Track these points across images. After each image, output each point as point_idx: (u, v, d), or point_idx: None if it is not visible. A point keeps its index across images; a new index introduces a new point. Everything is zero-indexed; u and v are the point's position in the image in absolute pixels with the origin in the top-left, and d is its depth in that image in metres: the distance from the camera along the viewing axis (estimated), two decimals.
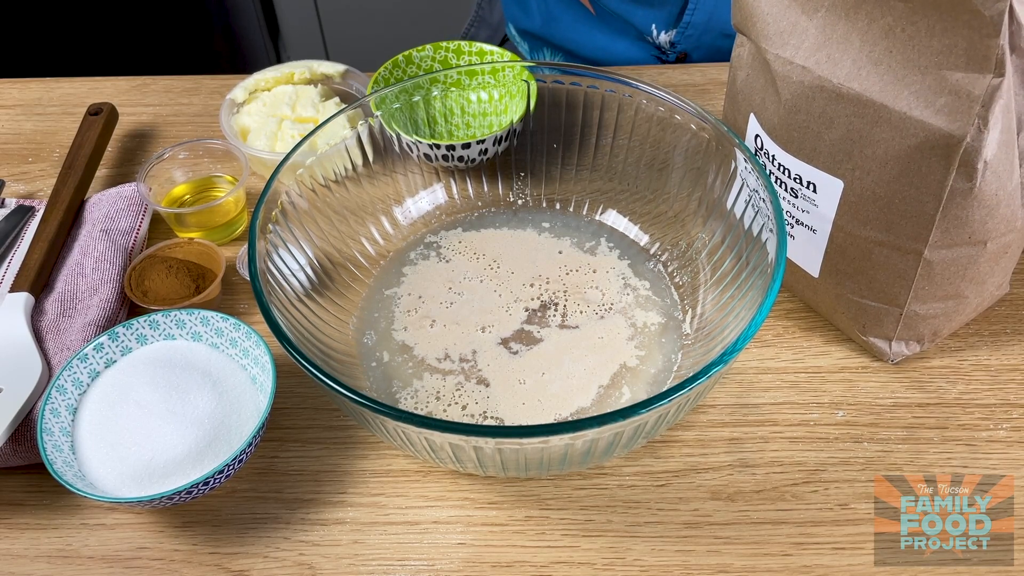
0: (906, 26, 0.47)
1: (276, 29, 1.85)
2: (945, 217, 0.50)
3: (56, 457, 0.51)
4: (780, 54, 0.53)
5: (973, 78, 0.45)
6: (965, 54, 0.45)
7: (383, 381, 0.58)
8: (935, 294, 0.55)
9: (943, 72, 0.46)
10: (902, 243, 0.53)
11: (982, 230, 0.51)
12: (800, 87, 0.52)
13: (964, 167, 0.48)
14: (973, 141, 0.47)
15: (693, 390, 0.44)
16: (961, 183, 0.49)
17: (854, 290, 0.57)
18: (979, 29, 0.44)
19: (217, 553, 0.52)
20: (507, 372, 0.57)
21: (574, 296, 0.62)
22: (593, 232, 0.67)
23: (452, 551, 0.52)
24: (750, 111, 0.58)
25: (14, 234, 0.70)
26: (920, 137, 0.48)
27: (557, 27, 0.96)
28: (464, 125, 0.75)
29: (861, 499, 0.53)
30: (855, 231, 0.54)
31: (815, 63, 0.51)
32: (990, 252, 0.53)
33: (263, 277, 0.52)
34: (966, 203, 0.50)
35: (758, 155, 0.59)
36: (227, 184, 0.74)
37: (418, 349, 0.59)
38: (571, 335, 0.60)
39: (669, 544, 0.51)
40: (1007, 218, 0.51)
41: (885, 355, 0.59)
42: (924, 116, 0.48)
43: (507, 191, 0.69)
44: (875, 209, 0.52)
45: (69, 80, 0.89)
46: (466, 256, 0.65)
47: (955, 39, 0.45)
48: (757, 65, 0.56)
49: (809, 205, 0.56)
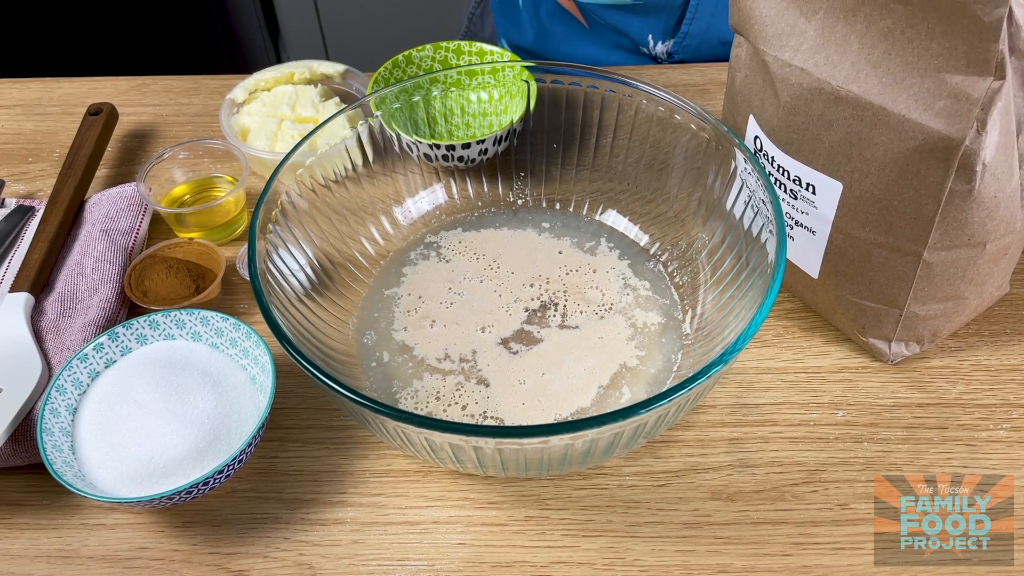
0: (905, 28, 0.47)
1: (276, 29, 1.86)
2: (944, 219, 0.50)
3: (56, 457, 0.51)
4: (779, 56, 0.53)
5: (973, 81, 0.45)
6: (965, 57, 0.45)
7: (383, 381, 0.58)
8: (935, 295, 0.55)
9: (942, 75, 0.46)
10: (901, 245, 0.53)
11: (981, 232, 0.51)
12: (799, 89, 0.52)
13: (963, 169, 0.48)
14: (972, 143, 0.47)
15: (693, 390, 0.44)
16: (960, 185, 0.49)
17: (853, 291, 0.57)
18: (979, 33, 0.44)
19: (217, 553, 0.52)
20: (507, 372, 0.58)
21: (574, 296, 0.62)
22: (593, 232, 0.67)
23: (452, 551, 0.52)
24: (749, 112, 0.58)
25: (14, 234, 0.70)
26: (919, 140, 0.48)
27: (550, 41, 0.96)
28: (464, 125, 0.75)
29: (861, 499, 0.53)
30: (854, 233, 0.54)
31: (813, 65, 0.51)
32: (989, 253, 0.53)
33: (263, 277, 0.52)
34: (965, 205, 0.50)
35: (757, 156, 0.59)
36: (227, 184, 0.74)
37: (418, 349, 0.59)
38: (571, 335, 0.60)
39: (669, 544, 0.51)
40: (1006, 220, 0.51)
41: (885, 356, 0.59)
42: (923, 119, 0.48)
43: (507, 191, 0.69)
44: (874, 211, 0.52)
45: (69, 80, 0.89)
46: (466, 256, 0.65)
47: (955, 42, 0.45)
48: (755, 66, 0.56)
49: (808, 207, 0.56)
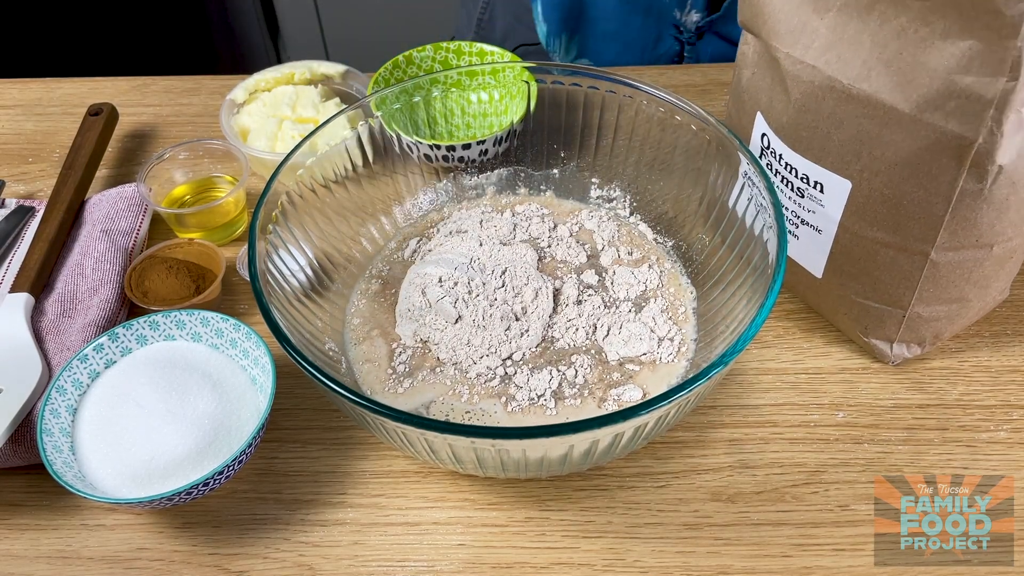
0: (919, 27, 0.46)
1: (276, 29, 1.86)
2: (954, 219, 0.50)
3: (56, 458, 0.51)
4: (790, 53, 0.53)
5: (986, 82, 0.45)
6: (980, 56, 0.44)
7: None
8: (939, 296, 0.55)
9: (954, 76, 0.45)
10: (909, 244, 0.53)
11: (990, 233, 0.51)
12: (810, 87, 0.52)
13: (976, 168, 0.48)
14: (985, 143, 0.46)
15: (693, 391, 0.44)
16: (972, 184, 0.48)
17: (857, 291, 0.57)
18: (998, 30, 0.43)
19: (217, 554, 0.52)
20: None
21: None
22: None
23: (452, 552, 0.52)
24: (756, 110, 0.58)
25: (14, 234, 0.70)
26: (931, 139, 0.48)
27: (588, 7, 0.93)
28: (464, 126, 0.75)
29: (861, 500, 0.53)
30: (861, 232, 0.54)
31: (825, 63, 0.51)
32: (996, 256, 0.53)
33: (263, 277, 0.52)
34: (976, 205, 0.49)
35: (764, 154, 0.58)
36: (227, 184, 0.74)
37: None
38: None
39: (669, 545, 0.51)
40: (1015, 222, 0.51)
41: (886, 357, 0.59)
42: (935, 119, 0.47)
43: (507, 192, 0.69)
44: (883, 210, 0.52)
45: (69, 80, 0.89)
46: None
47: (969, 41, 0.45)
48: (764, 63, 0.56)
49: (815, 205, 0.56)
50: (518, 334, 0.57)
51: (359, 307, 0.61)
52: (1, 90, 0.88)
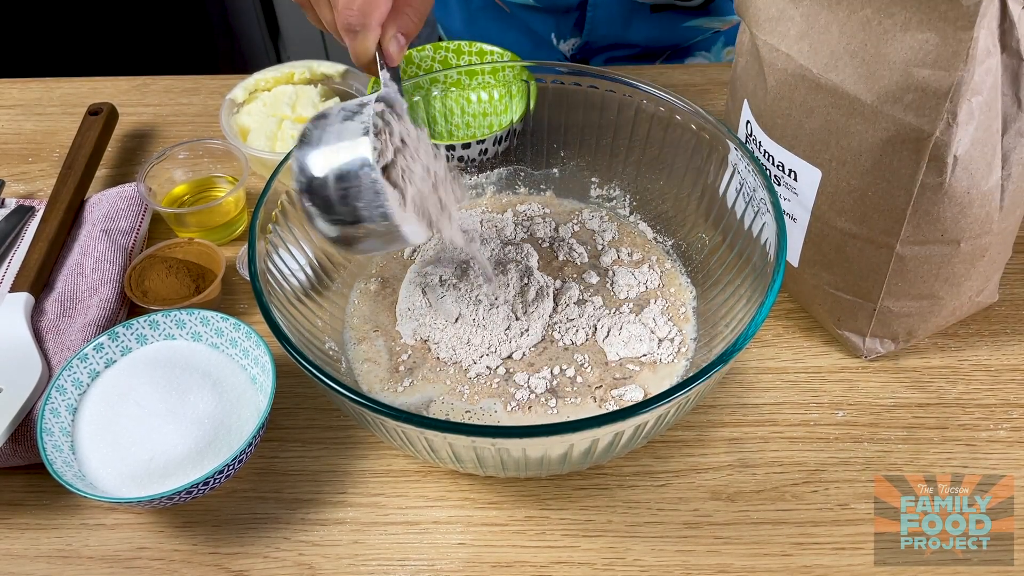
0: (883, 19, 0.47)
1: (276, 29, 1.86)
2: (916, 212, 0.51)
3: (56, 457, 0.51)
4: (767, 40, 0.53)
5: (941, 75, 0.45)
6: (936, 50, 0.45)
7: None
8: (908, 292, 0.55)
9: (912, 68, 0.46)
10: (875, 236, 0.53)
11: (955, 228, 0.51)
12: (784, 74, 0.52)
13: (935, 161, 0.48)
14: (942, 135, 0.47)
15: (693, 390, 0.44)
16: (931, 178, 0.49)
17: (830, 282, 0.57)
18: (954, 21, 0.44)
19: (217, 553, 0.52)
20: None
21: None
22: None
23: (452, 551, 0.52)
24: (744, 97, 0.58)
25: (14, 234, 0.70)
26: (891, 131, 0.48)
27: (476, 23, 0.98)
28: (464, 125, 0.75)
29: (861, 499, 0.53)
30: (832, 222, 0.54)
31: (798, 51, 0.51)
32: (964, 252, 0.53)
33: (263, 277, 0.52)
34: (937, 198, 0.50)
35: (748, 141, 0.59)
36: (227, 184, 0.74)
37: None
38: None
39: (669, 544, 0.51)
40: (981, 219, 0.51)
41: (859, 351, 0.59)
42: (894, 111, 0.48)
43: (507, 191, 0.69)
44: (850, 200, 0.53)
45: (69, 80, 0.89)
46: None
47: (928, 34, 0.45)
48: (752, 52, 0.56)
49: (790, 193, 0.56)
50: (518, 333, 0.57)
51: (359, 306, 0.61)
52: (1, 90, 0.88)
